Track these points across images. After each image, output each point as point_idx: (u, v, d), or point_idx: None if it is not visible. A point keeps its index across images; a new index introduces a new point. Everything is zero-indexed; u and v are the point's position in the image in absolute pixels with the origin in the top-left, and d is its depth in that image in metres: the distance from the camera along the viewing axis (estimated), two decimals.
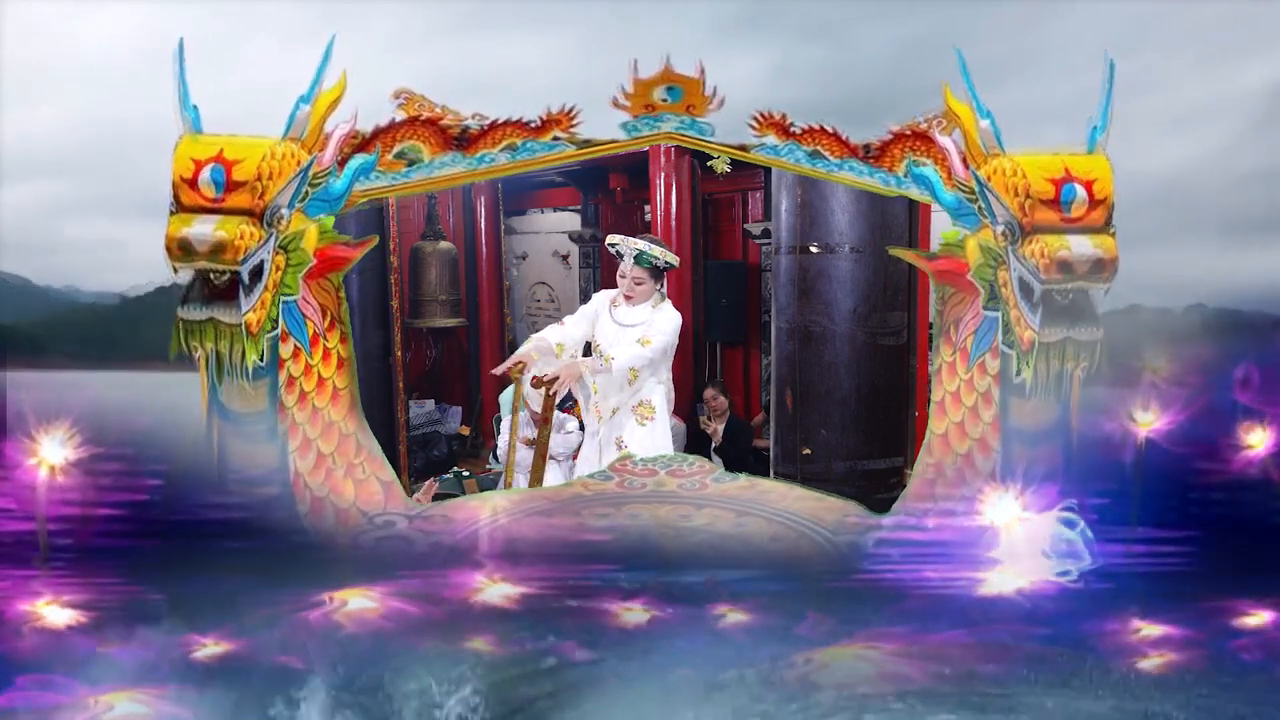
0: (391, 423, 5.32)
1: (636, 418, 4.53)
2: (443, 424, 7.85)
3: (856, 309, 4.87)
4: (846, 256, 4.85)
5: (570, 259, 8.63)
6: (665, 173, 6.38)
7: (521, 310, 9.12)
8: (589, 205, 8.14)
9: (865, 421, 4.93)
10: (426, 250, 7.56)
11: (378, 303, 5.25)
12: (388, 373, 5.29)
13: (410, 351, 7.32)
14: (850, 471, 4.86)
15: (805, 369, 4.98)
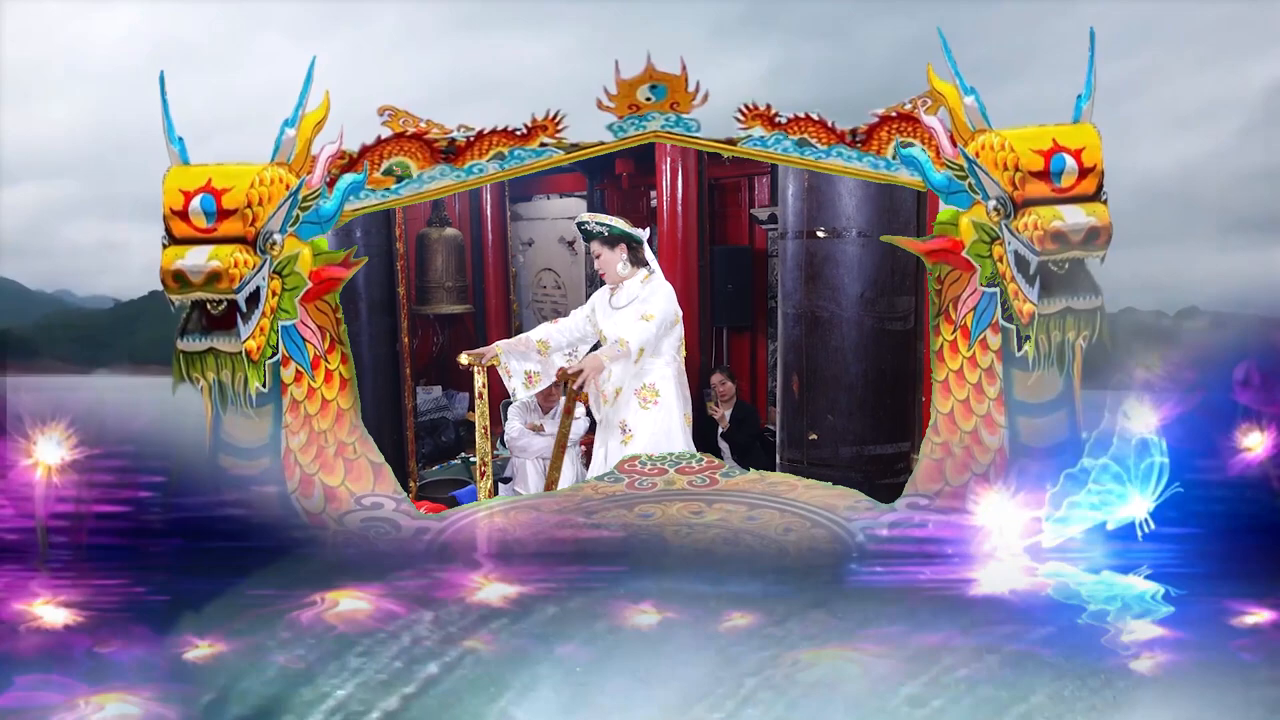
0: (399, 409, 5.32)
1: (639, 401, 4.46)
2: (450, 410, 7.85)
3: (864, 294, 4.84)
4: (854, 241, 4.81)
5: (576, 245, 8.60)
6: (671, 158, 6.35)
7: (528, 296, 9.12)
8: (595, 191, 8.13)
9: (872, 406, 4.90)
10: (433, 237, 7.57)
11: (384, 289, 5.25)
12: (395, 359, 5.30)
13: (417, 338, 7.32)
14: (857, 456, 4.85)
15: (812, 354, 4.96)
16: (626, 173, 7.43)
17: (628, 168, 7.38)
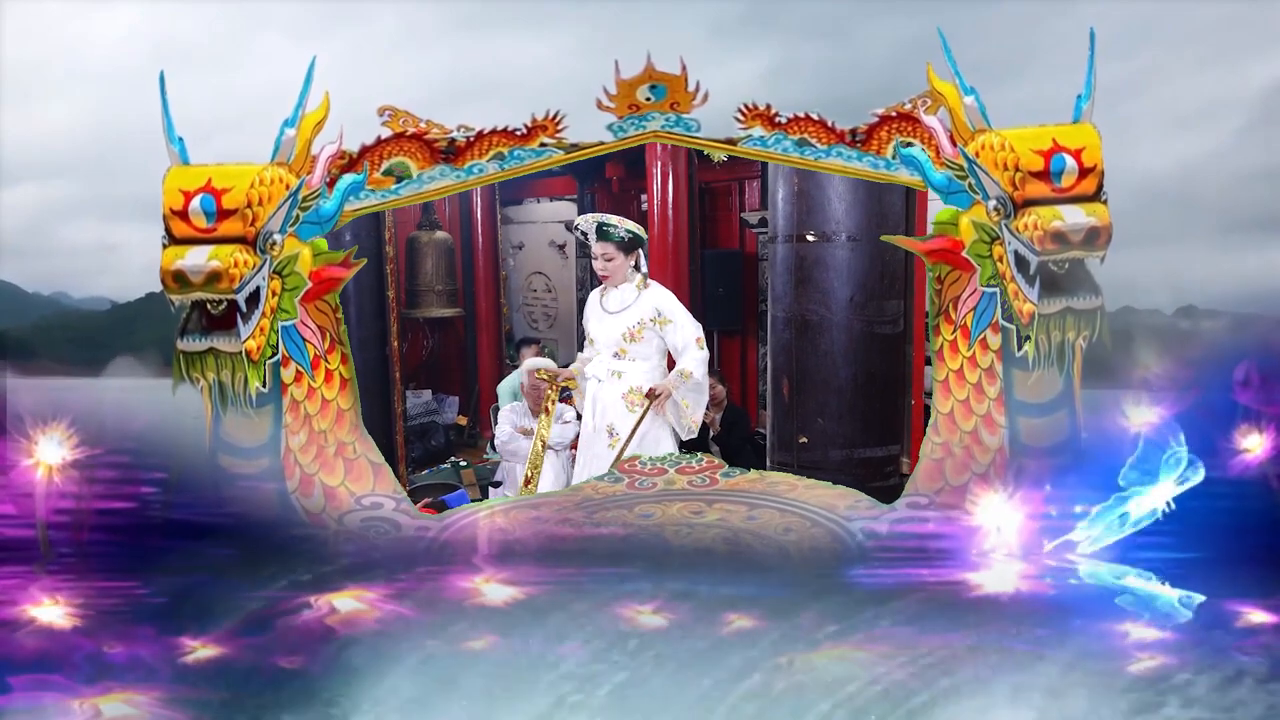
0: (389, 413, 5.31)
1: (626, 404, 4.40)
2: (440, 414, 7.84)
3: (853, 297, 4.85)
4: (843, 245, 4.82)
5: (567, 249, 8.62)
6: (662, 162, 6.36)
7: (518, 300, 9.11)
8: (585, 194, 8.13)
9: (862, 410, 4.91)
10: (423, 240, 7.58)
11: (374, 293, 5.24)
12: (385, 363, 5.28)
13: (407, 341, 7.30)
14: (847, 460, 4.84)
15: (802, 358, 4.97)
16: (617, 176, 7.44)
17: (618, 171, 7.39)
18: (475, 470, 6.54)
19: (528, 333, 8.72)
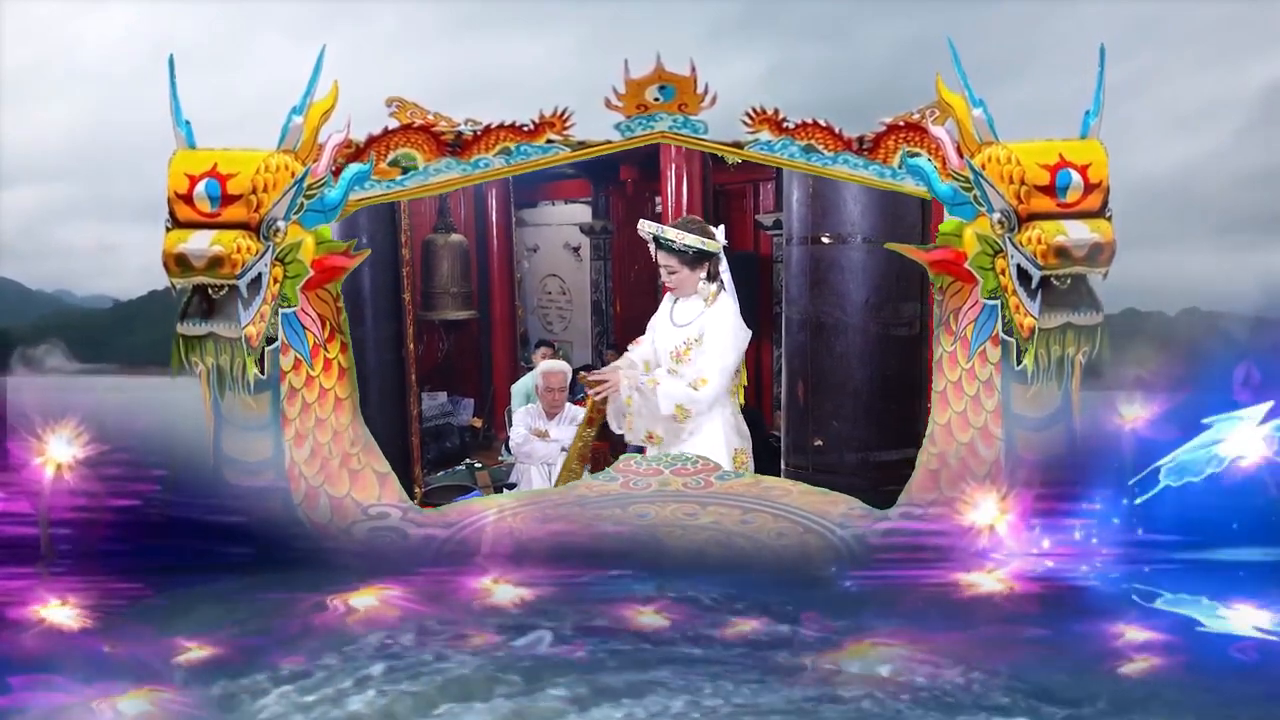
0: (404, 415, 5.33)
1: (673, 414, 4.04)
2: (455, 416, 7.91)
3: (869, 300, 4.82)
4: (859, 247, 4.78)
5: (581, 251, 8.66)
6: (676, 164, 6.37)
7: (533, 302, 9.15)
8: (600, 197, 8.18)
9: (878, 413, 4.87)
10: (438, 243, 7.63)
11: (390, 295, 5.26)
12: (400, 365, 5.30)
13: (422, 344, 7.35)
14: (862, 463, 4.82)
15: (817, 360, 4.94)
16: (631, 178, 7.48)
17: (632, 174, 7.42)
18: (490, 472, 6.59)
19: (542, 335, 8.77)
